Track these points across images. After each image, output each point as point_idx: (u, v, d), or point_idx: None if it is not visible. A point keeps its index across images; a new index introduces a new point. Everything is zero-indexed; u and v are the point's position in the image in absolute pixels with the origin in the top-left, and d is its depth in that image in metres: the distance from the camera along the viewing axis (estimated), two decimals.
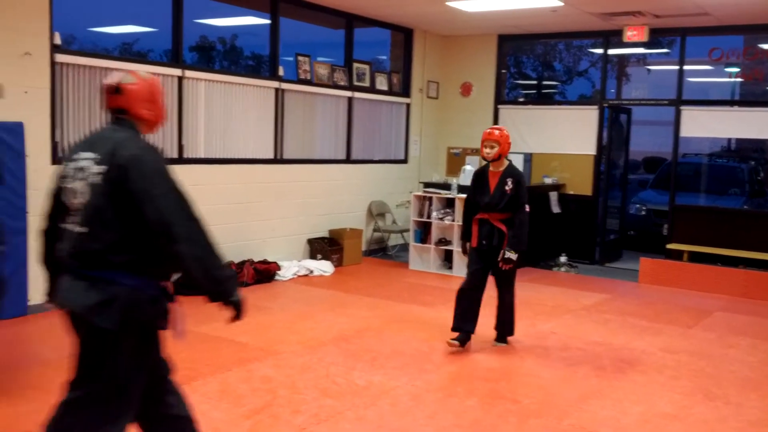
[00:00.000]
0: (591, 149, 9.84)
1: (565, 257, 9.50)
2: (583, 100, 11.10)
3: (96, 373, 2.72)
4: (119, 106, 2.85)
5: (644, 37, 8.98)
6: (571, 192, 10.03)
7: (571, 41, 12.54)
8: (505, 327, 5.73)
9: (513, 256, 5.43)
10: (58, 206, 2.84)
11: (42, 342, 5.41)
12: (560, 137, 10.04)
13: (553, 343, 5.90)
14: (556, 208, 9.81)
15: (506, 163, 5.59)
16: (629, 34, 9.07)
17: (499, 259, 5.48)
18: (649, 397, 4.72)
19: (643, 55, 11.52)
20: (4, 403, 4.11)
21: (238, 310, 2.85)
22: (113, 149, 2.68)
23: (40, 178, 6.05)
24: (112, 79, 2.91)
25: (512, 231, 5.48)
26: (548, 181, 10.00)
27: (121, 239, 2.65)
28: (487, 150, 5.48)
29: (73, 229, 2.71)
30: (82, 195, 2.70)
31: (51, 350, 5.14)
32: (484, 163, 5.61)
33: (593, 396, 4.68)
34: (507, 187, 5.47)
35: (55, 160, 6.19)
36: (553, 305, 7.26)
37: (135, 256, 2.68)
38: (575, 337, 6.08)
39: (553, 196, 9.82)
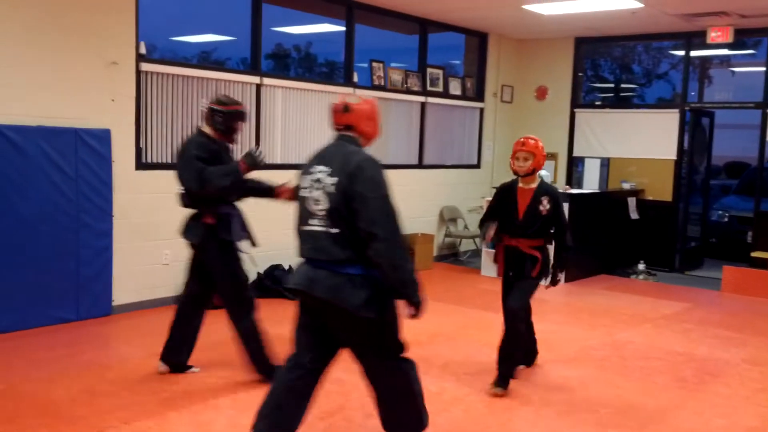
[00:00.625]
0: (671, 154, 9.56)
1: (644, 265, 9.25)
2: (662, 104, 10.77)
3: (373, 348, 3.35)
4: (347, 123, 3.43)
5: (729, 38, 8.67)
6: (650, 198, 9.76)
7: (650, 43, 12.20)
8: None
9: (562, 277, 4.97)
10: (302, 212, 3.35)
11: (126, 341, 5.62)
12: (639, 141, 9.79)
13: (631, 352, 5.75)
14: (634, 214, 9.57)
15: (538, 179, 4.81)
16: (713, 35, 8.77)
17: (550, 284, 4.86)
18: (732, 410, 4.54)
19: (728, 56, 11.12)
20: (87, 400, 4.28)
21: (417, 310, 3.21)
22: (343, 162, 3.24)
23: (125, 183, 6.30)
24: (340, 100, 3.48)
25: (561, 253, 4.85)
26: (626, 186, 9.76)
27: (355, 238, 3.13)
28: (520, 163, 4.70)
29: (318, 230, 3.22)
30: (322, 202, 3.22)
31: (135, 349, 5.34)
32: (514, 177, 4.86)
33: (674, 408, 4.54)
34: (542, 207, 4.67)
35: (139, 165, 6.42)
36: (631, 314, 7.07)
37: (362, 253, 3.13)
38: (655, 347, 5.91)
39: (632, 201, 9.58)
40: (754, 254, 8.81)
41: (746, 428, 4.24)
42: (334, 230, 3.16)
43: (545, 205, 4.68)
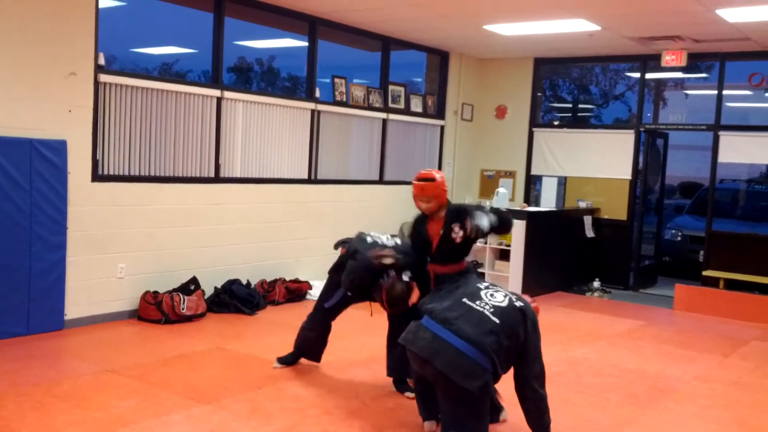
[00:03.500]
0: (626, 173, 9.76)
1: (599, 282, 9.41)
2: (619, 124, 11.01)
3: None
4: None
5: (683, 61, 8.91)
6: (606, 216, 9.94)
7: (607, 65, 12.48)
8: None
9: None
10: None
11: (78, 356, 5.50)
12: (595, 161, 9.98)
13: (585, 369, 5.83)
14: (589, 233, 9.73)
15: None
16: (667, 59, 9.01)
17: None
18: (683, 426, 4.63)
19: (681, 79, 11.41)
20: (36, 416, 4.18)
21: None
22: None
23: (80, 195, 6.21)
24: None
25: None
26: (582, 205, 9.92)
27: None
28: (424, 205, 4.67)
29: None
30: None
31: (87, 364, 5.23)
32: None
33: (626, 424, 4.61)
34: (454, 235, 4.57)
35: (96, 177, 6.33)
36: (586, 331, 7.18)
37: None
38: (609, 364, 6.00)
39: (588, 220, 9.74)
40: (705, 273, 9.03)
41: None
42: None
43: (457, 231, 4.56)
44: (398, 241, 5.05)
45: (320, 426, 4.26)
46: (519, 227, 8.51)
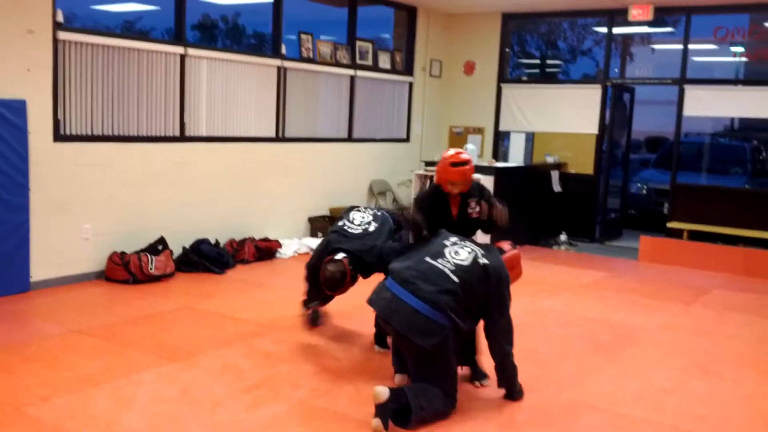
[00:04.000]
0: (593, 128, 9.82)
1: (566, 236, 9.54)
2: (586, 79, 11.05)
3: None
4: None
5: (649, 15, 8.93)
6: (573, 171, 10.03)
7: (575, 20, 12.46)
8: None
9: None
10: None
11: (45, 318, 5.46)
12: (563, 116, 10.02)
13: (552, 320, 5.95)
14: (557, 187, 9.82)
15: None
16: (634, 13, 9.02)
17: None
18: (646, 372, 4.76)
19: (648, 34, 11.44)
20: (6, 377, 4.16)
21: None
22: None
23: (43, 156, 6.09)
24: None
25: None
26: (550, 160, 10.00)
27: None
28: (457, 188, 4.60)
29: None
30: None
31: (54, 325, 5.20)
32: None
33: (591, 371, 4.73)
34: (470, 210, 4.69)
35: (58, 137, 6.21)
36: (553, 283, 7.30)
37: None
38: (574, 314, 6.12)
39: (555, 175, 9.83)
40: (669, 225, 9.19)
41: (659, 389, 4.46)
42: None
43: (473, 207, 4.68)
44: (373, 224, 5.14)
45: (291, 380, 4.30)
46: (488, 183, 8.54)
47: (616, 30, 9.85)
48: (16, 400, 3.83)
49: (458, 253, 3.97)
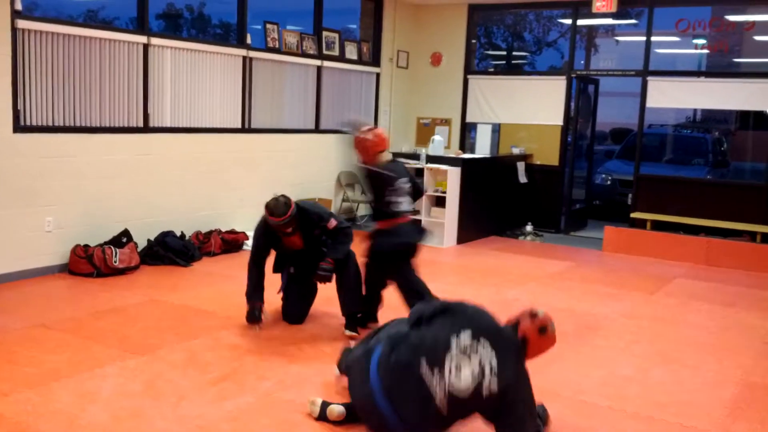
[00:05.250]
0: (558, 120, 9.92)
1: (531, 226, 9.63)
2: (552, 71, 11.15)
3: None
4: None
5: (613, 7, 9.02)
6: (538, 162, 10.12)
7: (540, 12, 12.54)
8: None
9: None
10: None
11: (7, 311, 5.35)
12: (528, 108, 10.09)
13: (517, 309, 5.96)
14: (522, 178, 9.90)
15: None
16: (598, 5, 9.11)
17: None
18: (609, 361, 4.84)
19: (612, 26, 11.58)
20: None
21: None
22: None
23: (2, 147, 5.97)
24: None
25: None
26: (516, 151, 10.07)
27: None
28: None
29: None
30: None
31: (15, 319, 5.10)
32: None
33: (555, 360, 4.77)
34: None
35: (17, 128, 6.08)
36: (519, 273, 7.37)
37: None
38: (539, 304, 6.11)
39: (521, 166, 9.91)
40: (633, 215, 9.33)
41: (622, 377, 4.53)
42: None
43: None
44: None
45: (257, 372, 4.28)
46: (454, 174, 8.59)
47: (580, 22, 9.94)
48: None
49: (460, 369, 3.11)
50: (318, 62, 9.25)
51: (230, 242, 7.71)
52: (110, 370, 4.21)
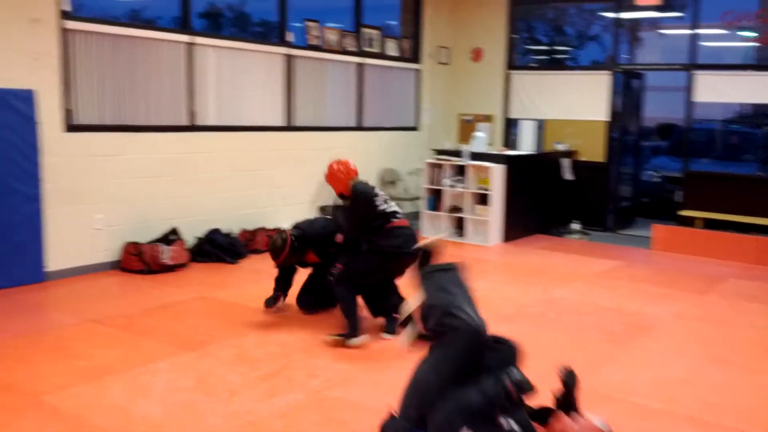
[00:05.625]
0: (603, 115, 9.77)
1: (578, 224, 9.50)
2: (594, 66, 10.95)
3: None
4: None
5: None
6: (584, 159, 9.97)
7: (582, 5, 12.34)
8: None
9: None
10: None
11: (61, 308, 5.48)
12: (572, 103, 9.96)
13: (564, 308, 5.93)
14: (568, 175, 9.78)
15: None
16: None
17: None
18: (660, 362, 4.74)
19: (656, 19, 11.35)
20: (23, 366, 4.18)
21: None
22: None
23: (53, 146, 6.08)
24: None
25: None
26: (560, 147, 9.94)
27: None
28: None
29: None
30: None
31: (69, 315, 5.21)
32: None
33: (605, 361, 4.71)
34: None
35: (68, 127, 6.20)
36: (565, 272, 7.27)
37: None
38: (587, 303, 6.10)
39: (566, 162, 9.78)
40: (682, 213, 9.14)
41: (673, 379, 4.44)
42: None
43: None
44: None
45: (305, 370, 4.30)
46: (498, 171, 8.52)
47: (623, 15, 9.76)
48: (33, 388, 3.85)
49: None
50: (359, 59, 9.25)
51: None
52: (162, 366, 4.27)
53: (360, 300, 5.05)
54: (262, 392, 3.95)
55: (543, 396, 3.49)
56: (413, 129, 10.33)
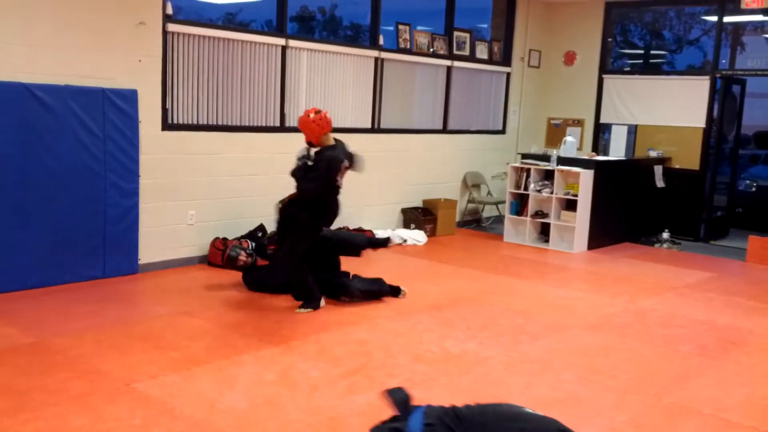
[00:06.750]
0: (700, 122, 9.41)
1: (668, 233, 9.18)
2: (692, 71, 10.56)
3: None
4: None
5: (764, 3, 8.44)
6: (677, 166, 9.64)
7: (682, 8, 11.93)
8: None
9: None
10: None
11: (152, 299, 5.71)
12: (667, 109, 9.64)
13: (653, 320, 5.74)
14: (660, 183, 9.47)
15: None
16: (747, 1, 8.55)
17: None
18: (755, 378, 4.53)
19: (761, 23, 10.85)
20: (115, 355, 4.37)
21: None
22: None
23: (151, 144, 6.35)
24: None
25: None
26: (653, 154, 9.64)
27: None
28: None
29: None
30: None
31: (160, 306, 5.43)
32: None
33: (695, 375, 4.54)
34: None
35: (165, 126, 6.46)
36: (655, 282, 7.04)
37: None
38: (677, 315, 5.89)
39: (658, 170, 9.47)
40: None
41: (767, 397, 4.24)
42: None
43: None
44: None
45: (385, 369, 4.33)
46: (587, 177, 8.34)
47: (727, 18, 9.38)
48: (126, 376, 4.03)
49: None
50: (448, 62, 9.24)
51: None
52: (247, 359, 4.39)
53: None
54: (343, 389, 4.00)
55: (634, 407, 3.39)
56: (500, 132, 10.24)
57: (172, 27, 6.41)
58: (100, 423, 3.45)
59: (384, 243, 6.30)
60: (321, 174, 5.39)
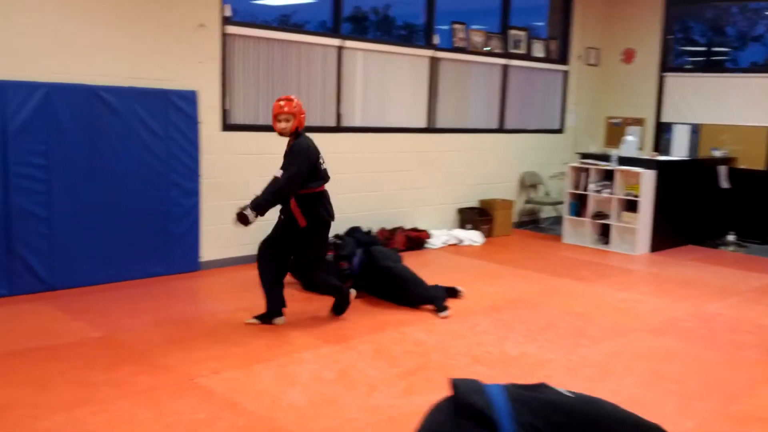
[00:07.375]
0: (765, 120, 9.11)
1: (734, 236, 8.90)
2: (756, 68, 10.24)
3: None
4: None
5: None
6: (743, 166, 9.34)
7: (746, 4, 11.57)
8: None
9: (248, 213, 5.07)
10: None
11: (214, 296, 5.81)
12: (731, 107, 9.37)
13: (719, 325, 5.58)
14: (724, 183, 9.19)
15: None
16: None
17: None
18: None
19: None
20: (179, 350, 4.45)
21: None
22: None
23: (211, 144, 6.45)
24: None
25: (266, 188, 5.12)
26: (717, 154, 9.37)
27: None
28: (282, 125, 4.99)
29: None
30: None
31: (222, 303, 5.51)
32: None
33: (763, 382, 4.39)
34: None
35: (225, 126, 6.55)
36: (720, 286, 6.84)
37: None
38: (744, 320, 5.71)
39: (722, 170, 9.20)
40: None
41: None
42: None
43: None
44: None
45: (444, 371, 4.30)
46: (649, 177, 8.15)
47: None
48: (189, 371, 4.10)
49: None
50: (504, 61, 9.16)
51: (414, 239, 7.83)
52: (306, 356, 4.42)
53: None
54: (401, 389, 3.99)
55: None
56: (557, 132, 10.10)
57: (230, 29, 6.51)
58: (164, 416, 3.51)
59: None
60: (298, 158, 5.09)
